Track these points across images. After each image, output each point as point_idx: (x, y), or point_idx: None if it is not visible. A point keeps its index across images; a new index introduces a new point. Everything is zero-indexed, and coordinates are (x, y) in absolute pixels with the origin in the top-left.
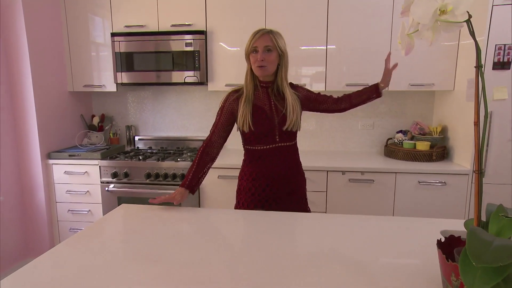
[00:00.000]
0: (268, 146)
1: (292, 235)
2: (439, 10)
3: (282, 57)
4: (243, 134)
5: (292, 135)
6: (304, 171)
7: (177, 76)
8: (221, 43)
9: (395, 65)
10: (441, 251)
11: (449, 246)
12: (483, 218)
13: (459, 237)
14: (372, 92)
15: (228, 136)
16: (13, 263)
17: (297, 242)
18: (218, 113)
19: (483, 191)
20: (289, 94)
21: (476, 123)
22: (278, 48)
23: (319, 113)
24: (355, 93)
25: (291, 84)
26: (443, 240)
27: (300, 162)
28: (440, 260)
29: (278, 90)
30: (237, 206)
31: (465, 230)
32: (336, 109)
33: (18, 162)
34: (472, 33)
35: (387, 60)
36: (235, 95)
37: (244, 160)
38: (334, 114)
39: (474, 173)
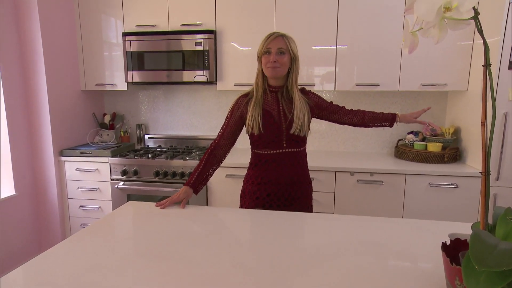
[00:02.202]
0: (274, 151)
1: (299, 235)
2: (444, 7)
3: (294, 61)
4: (251, 137)
5: (300, 141)
6: (311, 178)
7: (187, 75)
8: (231, 43)
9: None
10: (445, 254)
11: (455, 249)
12: (490, 221)
13: (465, 240)
14: (387, 121)
15: (236, 140)
16: (27, 258)
17: (304, 242)
18: (227, 116)
19: (496, 194)
20: (297, 99)
21: (484, 123)
22: (291, 51)
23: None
24: (370, 114)
25: (303, 90)
26: (448, 243)
27: (308, 169)
28: (444, 264)
29: (288, 94)
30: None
31: None
32: (347, 121)
33: (32, 159)
34: (480, 31)
35: (420, 112)
36: (244, 99)
37: (250, 163)
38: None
39: (481, 174)
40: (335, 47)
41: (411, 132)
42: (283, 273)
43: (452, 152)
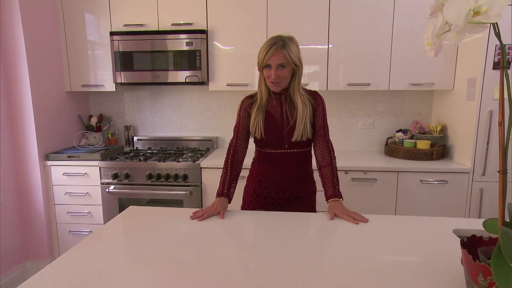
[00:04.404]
0: (276, 151)
1: (298, 235)
2: (473, 11)
3: (296, 69)
4: (254, 137)
5: (302, 143)
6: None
7: (178, 75)
8: (222, 43)
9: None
10: (466, 252)
11: (471, 246)
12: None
13: (481, 236)
14: (326, 192)
15: (249, 137)
16: (12, 267)
17: (303, 242)
18: (237, 119)
19: (483, 189)
20: (300, 104)
21: (501, 123)
22: (292, 62)
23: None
24: (326, 173)
25: (314, 92)
26: (456, 240)
27: (312, 170)
28: (465, 260)
29: (291, 97)
30: (243, 207)
31: (477, 229)
32: (315, 152)
33: (15, 163)
34: (498, 34)
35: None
36: (249, 100)
37: (253, 159)
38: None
39: (498, 173)
40: (326, 46)
41: (400, 130)
42: (284, 273)
43: (440, 149)
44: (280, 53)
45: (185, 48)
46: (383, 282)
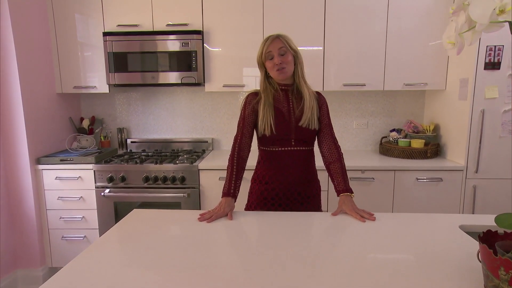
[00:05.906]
0: (282, 148)
1: (304, 236)
2: (498, 10)
3: (296, 57)
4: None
5: (308, 140)
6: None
7: (173, 76)
8: (218, 44)
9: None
10: (487, 246)
11: (486, 241)
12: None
13: (496, 231)
14: (337, 187)
15: (253, 135)
16: (2, 275)
17: (311, 242)
18: (241, 115)
19: (476, 186)
20: (307, 93)
21: None
22: (291, 49)
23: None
24: (335, 168)
25: (317, 92)
26: (471, 235)
27: (316, 170)
28: (484, 255)
29: (298, 90)
30: (248, 208)
31: (478, 224)
32: (321, 148)
33: (5, 168)
34: None
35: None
36: (255, 97)
37: (258, 162)
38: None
39: None
40: (322, 48)
41: (394, 130)
42: (288, 275)
43: (433, 148)
44: (277, 41)
45: (181, 49)
46: (396, 280)
